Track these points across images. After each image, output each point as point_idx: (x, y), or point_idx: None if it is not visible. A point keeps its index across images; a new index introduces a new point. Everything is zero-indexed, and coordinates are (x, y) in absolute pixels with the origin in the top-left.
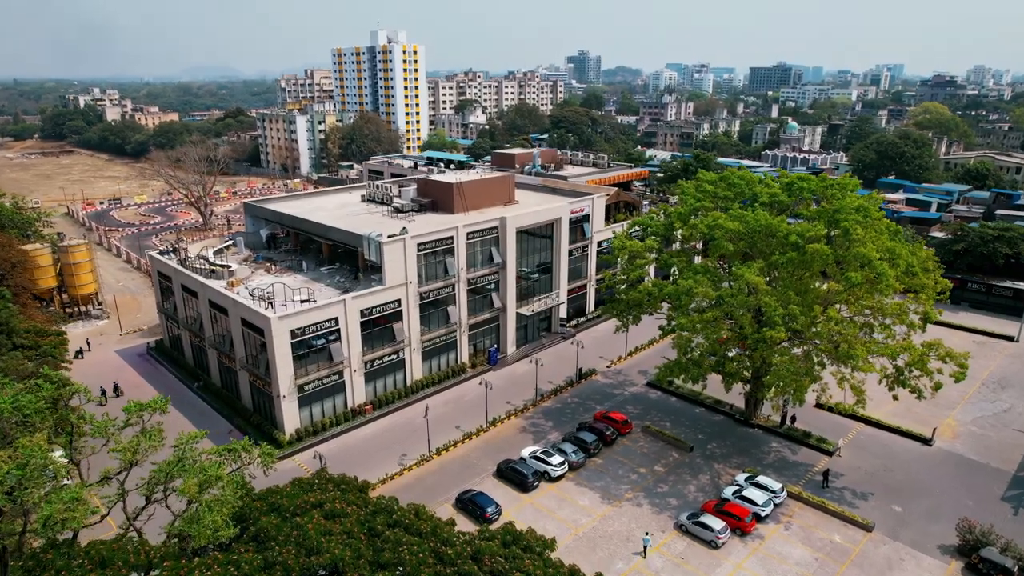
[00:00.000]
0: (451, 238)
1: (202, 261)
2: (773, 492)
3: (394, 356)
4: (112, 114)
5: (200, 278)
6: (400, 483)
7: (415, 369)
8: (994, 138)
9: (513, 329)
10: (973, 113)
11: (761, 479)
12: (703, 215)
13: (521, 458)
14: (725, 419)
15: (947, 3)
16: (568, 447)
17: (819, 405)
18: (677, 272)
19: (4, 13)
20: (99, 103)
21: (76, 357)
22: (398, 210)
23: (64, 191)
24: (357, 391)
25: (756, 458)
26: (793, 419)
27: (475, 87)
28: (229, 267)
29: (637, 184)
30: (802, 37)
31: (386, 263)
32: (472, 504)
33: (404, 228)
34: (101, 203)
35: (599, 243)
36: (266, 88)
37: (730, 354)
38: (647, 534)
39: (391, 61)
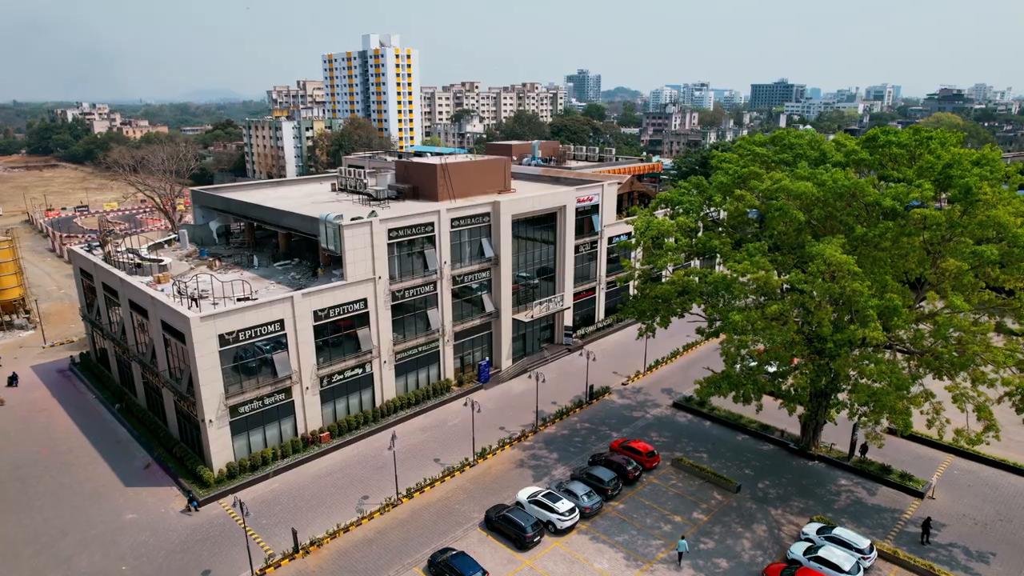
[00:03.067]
0: (431, 224)
1: (131, 255)
2: (860, 551)
3: (359, 370)
4: (100, 128)
5: (120, 273)
6: (356, 537)
7: (386, 387)
8: (1016, 145)
9: (508, 339)
10: (986, 124)
11: (840, 532)
12: (755, 182)
13: (518, 503)
14: (775, 449)
15: (942, 26)
16: (579, 488)
17: (892, 431)
18: (721, 259)
19: (6, 38)
20: (87, 117)
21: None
22: (372, 197)
23: (32, 201)
24: (310, 414)
25: (824, 501)
26: (864, 449)
27: (473, 98)
28: (161, 262)
29: (650, 187)
30: (798, 61)
31: (347, 252)
32: (450, 571)
33: (373, 211)
34: (64, 209)
35: (610, 239)
36: (264, 108)
37: (781, 364)
38: (682, 537)
39: (383, 66)
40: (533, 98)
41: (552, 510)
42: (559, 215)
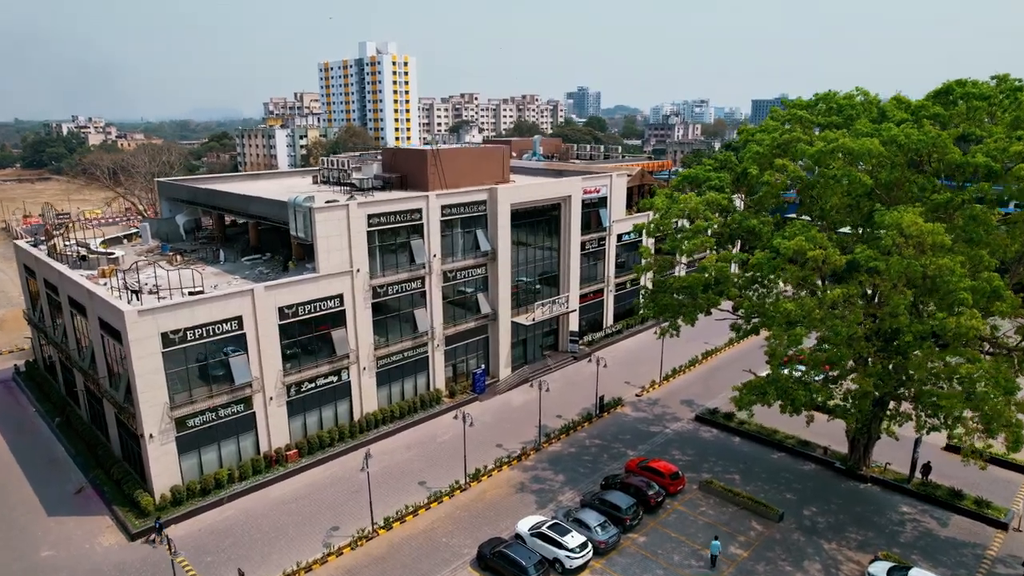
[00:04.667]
0: (418, 212)
1: (82, 248)
2: None
3: (334, 378)
4: (95, 140)
5: (60, 266)
6: None
7: (365, 398)
8: None
9: (507, 345)
10: None
11: (918, 574)
12: (803, 146)
13: (517, 536)
14: (818, 469)
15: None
16: (591, 516)
17: (949, 446)
18: (757, 244)
19: (7, 58)
20: (83, 130)
21: None
22: (356, 187)
23: (12, 211)
24: (275, 429)
25: (886, 533)
26: (927, 470)
27: (472, 109)
28: (112, 255)
29: (662, 182)
30: (799, 76)
31: (320, 240)
32: None
33: (352, 195)
34: (42, 216)
35: (619, 236)
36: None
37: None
38: (716, 538)
39: (380, 73)
40: (533, 110)
41: (560, 545)
42: (563, 207)
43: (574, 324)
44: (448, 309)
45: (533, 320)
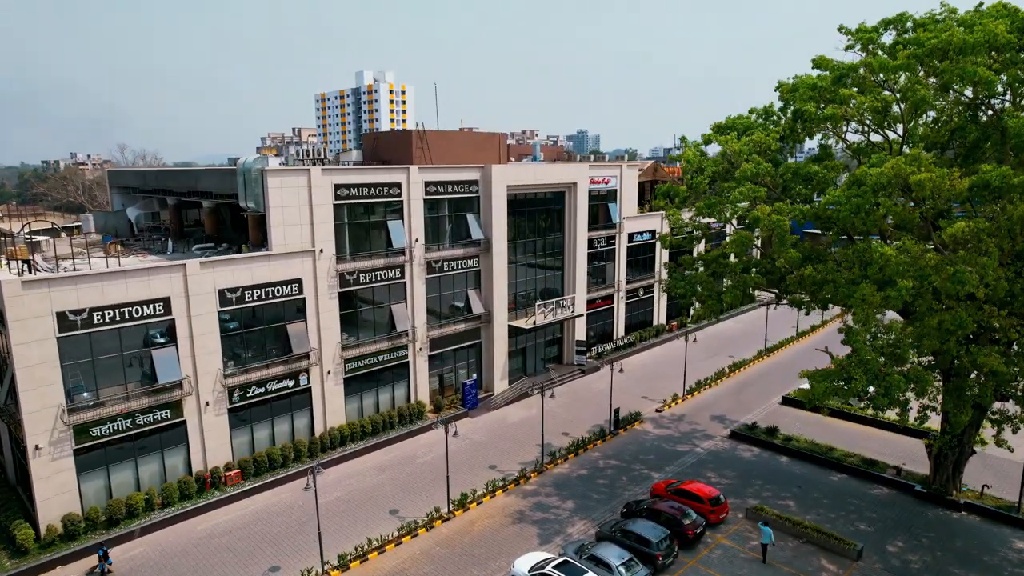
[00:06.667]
0: (397, 187)
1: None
2: None
3: (289, 382)
4: (91, 176)
5: None
6: None
7: (330, 408)
8: None
9: (503, 352)
10: None
11: None
12: (879, 60)
13: None
14: (892, 493)
15: None
16: (611, 553)
17: None
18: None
19: (12, 104)
20: (80, 167)
21: None
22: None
23: None
24: (213, 444)
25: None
26: None
27: None
28: (32, 239)
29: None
30: None
31: (273, 211)
32: None
33: (318, 161)
34: None
35: (631, 236)
36: None
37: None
38: (764, 523)
39: (377, 101)
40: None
41: None
42: (568, 197)
43: (581, 332)
44: (433, 306)
45: (534, 324)
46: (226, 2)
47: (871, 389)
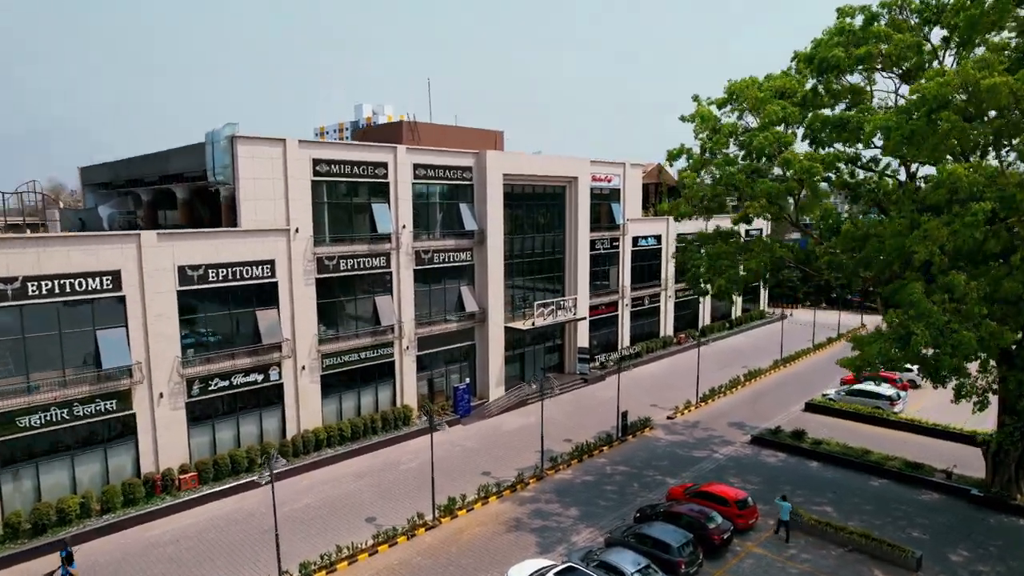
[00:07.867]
0: (383, 168)
1: None
2: None
3: (258, 376)
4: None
5: None
6: None
7: (305, 408)
8: None
9: (499, 357)
10: None
11: None
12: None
13: None
14: (944, 498)
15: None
16: (625, 559)
17: None
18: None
19: (16, 144)
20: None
21: None
22: None
23: None
24: (167, 442)
25: None
26: None
27: None
28: None
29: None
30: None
31: (243, 183)
32: None
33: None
34: None
35: (635, 240)
36: None
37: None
38: (782, 498)
39: None
40: None
41: None
42: (568, 192)
43: (583, 339)
44: (422, 302)
45: (532, 325)
46: (224, 34)
47: (930, 352)
